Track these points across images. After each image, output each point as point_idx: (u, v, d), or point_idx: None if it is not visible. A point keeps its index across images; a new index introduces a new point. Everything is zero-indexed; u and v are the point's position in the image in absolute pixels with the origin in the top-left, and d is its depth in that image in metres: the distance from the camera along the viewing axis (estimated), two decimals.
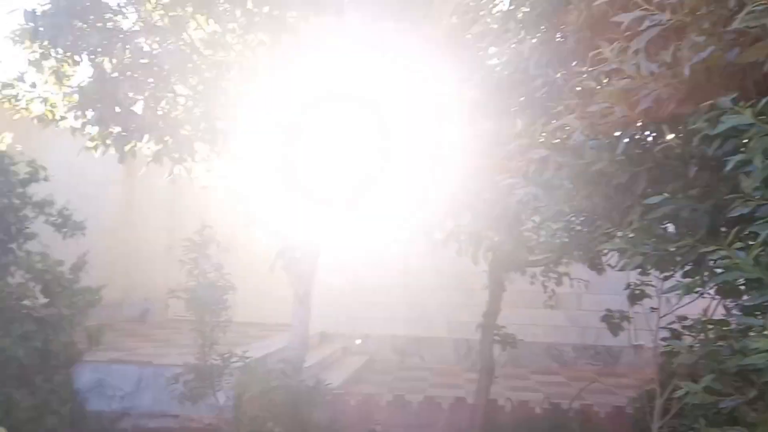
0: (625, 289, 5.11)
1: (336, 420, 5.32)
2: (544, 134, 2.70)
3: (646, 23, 2.05)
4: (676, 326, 5.15)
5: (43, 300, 6.93)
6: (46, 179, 7.44)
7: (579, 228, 2.94)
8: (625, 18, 2.10)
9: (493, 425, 6.28)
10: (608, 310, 5.27)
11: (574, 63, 3.24)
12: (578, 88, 2.63)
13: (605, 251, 3.14)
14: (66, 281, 7.10)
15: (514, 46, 3.55)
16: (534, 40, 3.46)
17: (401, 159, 5.12)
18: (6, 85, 7.46)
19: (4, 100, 7.62)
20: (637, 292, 4.98)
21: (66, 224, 7.32)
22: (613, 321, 5.08)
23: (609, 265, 5.23)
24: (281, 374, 5.04)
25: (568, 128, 2.52)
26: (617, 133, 2.35)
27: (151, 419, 6.85)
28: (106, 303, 9.20)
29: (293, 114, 4.84)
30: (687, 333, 4.94)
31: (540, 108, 4.01)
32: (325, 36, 5.34)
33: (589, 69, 2.46)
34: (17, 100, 7.62)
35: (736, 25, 1.74)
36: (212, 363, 5.49)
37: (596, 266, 5.32)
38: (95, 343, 7.16)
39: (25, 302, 6.73)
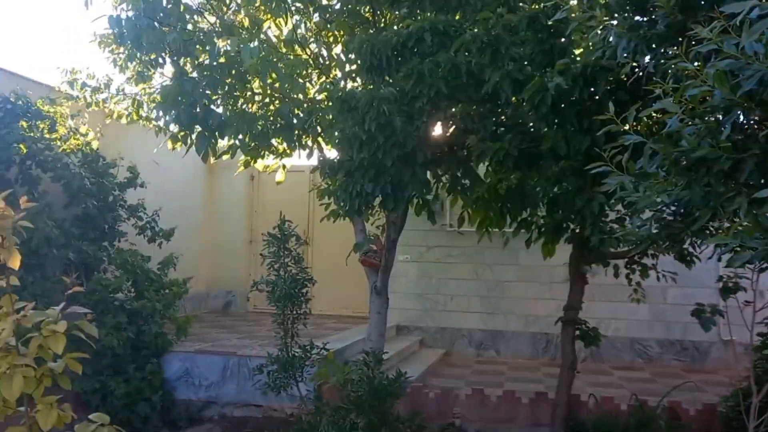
0: (717, 281, 4.87)
1: (416, 413, 5.31)
2: (636, 121, 2.59)
3: (756, 11, 1.93)
4: None
5: (134, 293, 7.29)
6: (142, 185, 7.86)
7: (671, 219, 2.82)
8: (739, 8, 1.98)
9: (575, 421, 6.14)
10: (699, 304, 5.04)
11: (664, 48, 3.11)
12: (672, 72, 2.51)
13: (699, 243, 3.00)
14: (154, 275, 7.43)
15: (599, 32, 3.43)
16: (620, 27, 3.33)
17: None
18: (96, 90, 7.86)
19: (94, 103, 8.03)
20: (731, 285, 4.73)
21: (156, 235, 7.75)
22: (705, 315, 4.85)
23: (697, 257, 5.04)
24: (363, 366, 5.07)
25: (663, 114, 2.41)
26: (718, 118, 2.22)
27: (236, 408, 7.07)
28: (192, 295, 9.60)
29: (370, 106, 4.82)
30: None
31: (629, 95, 3.88)
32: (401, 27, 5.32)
33: (685, 53, 2.33)
34: (105, 103, 8.02)
35: None
36: (294, 354, 5.60)
37: (685, 258, 5.12)
38: (183, 333, 7.45)
39: (118, 295, 7.08)
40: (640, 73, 3.33)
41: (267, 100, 6.97)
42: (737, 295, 4.92)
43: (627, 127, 2.74)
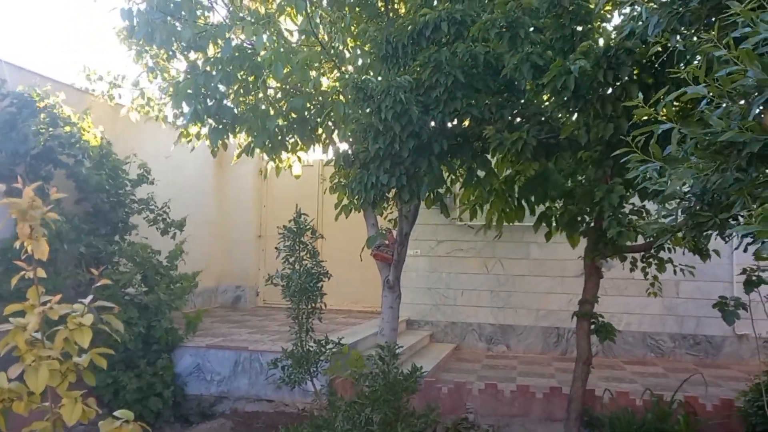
0: (740, 274, 4.81)
1: (431, 407, 5.26)
2: (667, 106, 2.52)
3: None
4: None
5: (144, 288, 7.26)
6: (152, 183, 7.85)
7: (698, 208, 2.75)
8: None
9: (590, 416, 6.10)
10: (722, 297, 4.97)
11: (697, 27, 3.03)
12: (703, 56, 2.43)
13: (726, 233, 2.92)
14: (164, 269, 7.40)
15: (628, 10, 3.35)
16: (651, 3, 3.25)
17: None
18: (114, 85, 7.86)
19: (109, 97, 8.03)
20: (754, 278, 4.67)
21: (170, 226, 7.72)
22: (728, 309, 4.79)
23: (715, 251, 4.97)
24: (378, 360, 5.03)
25: (690, 100, 2.34)
26: (750, 100, 2.15)
27: (248, 403, 7.05)
28: (201, 290, 9.60)
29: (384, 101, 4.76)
30: None
31: (653, 78, 3.80)
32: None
33: (718, 36, 2.27)
34: (121, 98, 8.03)
35: None
36: (309, 349, 5.56)
37: (702, 252, 5.05)
38: (193, 328, 7.43)
39: (129, 290, 7.05)
40: (670, 53, 3.24)
41: (279, 95, 6.92)
42: (758, 288, 4.85)
43: (651, 111, 2.66)
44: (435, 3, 5.36)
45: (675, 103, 2.63)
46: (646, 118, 2.70)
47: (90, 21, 13.68)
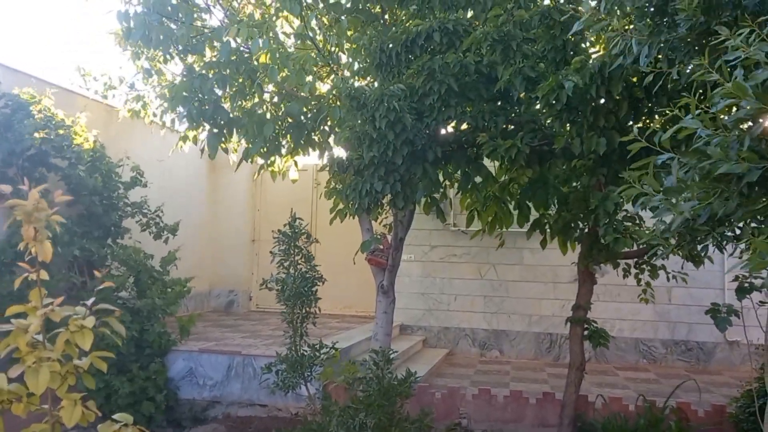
0: (733, 281, 4.85)
1: (425, 413, 5.27)
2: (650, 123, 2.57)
3: None
4: None
5: (137, 292, 7.24)
6: (145, 185, 7.83)
7: (694, 222, 2.78)
8: None
9: (583, 422, 6.12)
10: (714, 304, 5.02)
11: (686, 52, 3.08)
12: (698, 81, 2.48)
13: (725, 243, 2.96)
14: (157, 273, 7.38)
15: (619, 40, 3.40)
16: (639, 34, 3.30)
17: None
18: (110, 87, 7.85)
19: (104, 96, 8.02)
20: (746, 285, 4.71)
21: (162, 230, 7.71)
22: (720, 315, 4.83)
23: (709, 258, 5.01)
24: (373, 365, 5.03)
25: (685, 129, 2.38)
26: (743, 129, 2.20)
27: (240, 408, 7.03)
28: (194, 294, 9.57)
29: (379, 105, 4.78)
30: None
31: (645, 93, 3.85)
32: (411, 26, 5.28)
33: (709, 59, 2.31)
34: (114, 97, 8.02)
35: None
36: (303, 353, 5.55)
37: (695, 259, 5.09)
38: (186, 333, 7.40)
39: (122, 294, 7.03)
40: (663, 79, 3.29)
41: (276, 99, 6.93)
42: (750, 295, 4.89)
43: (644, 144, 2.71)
44: (428, 12, 5.38)
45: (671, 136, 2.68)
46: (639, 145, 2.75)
47: (89, 21, 13.66)
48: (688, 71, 3.07)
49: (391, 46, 5.10)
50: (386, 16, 6.20)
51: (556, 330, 9.17)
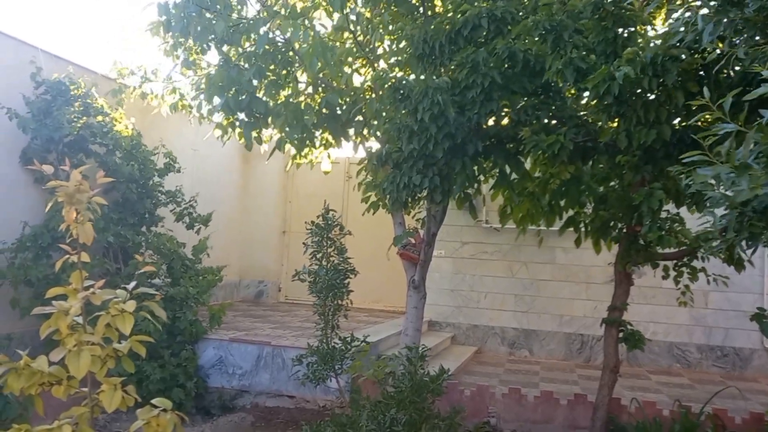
0: None
1: (456, 410, 5.21)
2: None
3: None
4: None
5: (169, 279, 7.30)
6: (179, 171, 7.88)
7: (750, 216, 2.67)
8: None
9: (615, 425, 6.01)
10: (760, 309, 4.87)
11: (752, 34, 2.96)
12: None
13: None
14: (189, 262, 7.43)
15: (677, 15, 3.29)
16: (706, 10, 3.18)
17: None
18: (146, 79, 7.91)
19: (141, 92, 8.09)
20: None
21: (195, 221, 7.75)
22: (766, 321, 4.68)
23: (750, 262, 4.87)
24: (406, 360, 4.98)
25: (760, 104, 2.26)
26: None
27: (269, 398, 7.05)
28: (224, 284, 9.63)
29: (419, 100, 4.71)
30: None
31: (699, 86, 3.72)
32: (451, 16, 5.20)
33: None
34: (152, 92, 8.09)
35: None
36: (334, 346, 5.53)
37: (737, 262, 4.95)
38: (216, 321, 7.44)
39: (155, 281, 7.08)
40: (726, 60, 3.16)
41: (310, 90, 6.91)
42: None
43: (717, 113, 2.56)
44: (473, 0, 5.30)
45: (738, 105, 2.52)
46: (699, 123, 2.63)
47: (131, 15, 13.81)
48: (754, 50, 2.93)
49: (434, 36, 5.03)
50: (425, 8, 6.11)
51: (587, 331, 9.03)
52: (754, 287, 8.27)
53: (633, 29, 4.31)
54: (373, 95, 6.40)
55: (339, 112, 6.51)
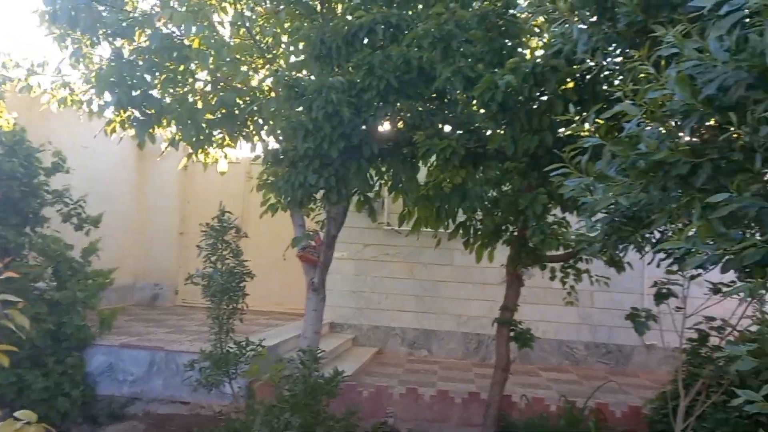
0: (651, 287, 5.03)
1: (351, 411, 5.24)
2: (596, 122, 2.60)
3: (726, 8, 1.96)
4: (702, 327, 5.12)
5: (55, 283, 6.92)
6: (67, 172, 7.47)
7: (619, 221, 2.86)
8: (706, 2, 2.01)
9: (506, 421, 6.23)
10: (634, 308, 5.19)
11: (623, 47, 3.15)
12: (632, 74, 2.53)
13: (646, 247, 3.06)
14: (77, 264, 7.08)
15: (557, 28, 3.46)
16: (582, 23, 3.36)
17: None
18: (32, 72, 7.46)
19: (27, 84, 7.63)
20: (664, 291, 4.89)
21: (84, 221, 7.38)
22: (640, 320, 4.99)
23: (629, 264, 5.19)
24: (300, 363, 4.96)
25: (621, 117, 2.42)
26: (677, 122, 2.25)
27: (162, 405, 6.82)
28: (117, 286, 9.21)
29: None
30: (715, 335, 4.91)
31: (578, 96, 3.93)
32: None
33: (647, 54, 2.36)
34: (39, 86, 7.64)
35: None
36: (228, 350, 5.42)
37: (617, 264, 5.26)
38: (107, 326, 7.13)
39: (39, 284, 6.70)
40: (598, 71, 3.36)
41: (209, 88, 6.75)
42: (668, 300, 5.08)
43: (580, 127, 2.75)
44: (370, 5, 5.35)
45: (599, 121, 2.71)
46: (571, 133, 2.79)
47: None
48: (622, 63, 3.12)
49: (331, 38, 5.04)
50: (324, 11, 6.12)
51: (484, 331, 9.29)
52: (636, 287, 8.78)
53: (518, 40, 4.50)
54: (273, 94, 6.33)
55: (237, 111, 6.40)
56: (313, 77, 5.04)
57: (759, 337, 4.14)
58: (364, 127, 4.99)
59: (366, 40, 4.89)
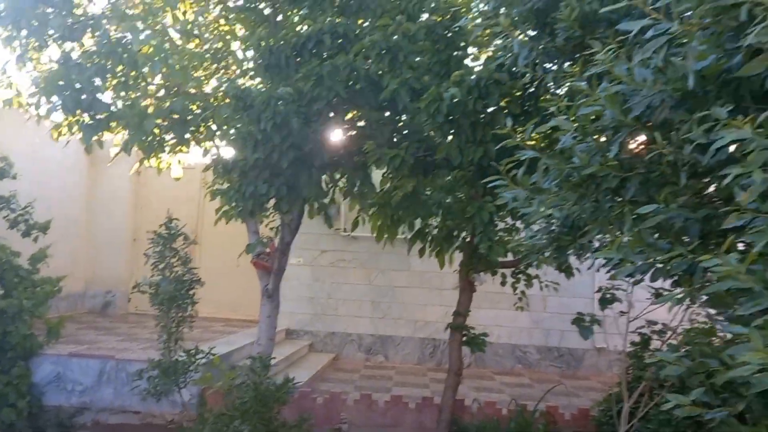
0: (596, 292, 5.15)
1: (304, 418, 5.23)
2: (533, 135, 2.68)
3: (651, 32, 2.04)
4: (645, 330, 5.27)
5: (0, 291, 6.74)
6: (14, 178, 7.29)
7: (558, 231, 2.94)
8: (632, 27, 2.09)
9: (459, 425, 6.29)
10: (579, 313, 5.31)
11: (561, 62, 3.24)
12: (567, 89, 2.62)
13: (584, 255, 3.14)
14: (24, 272, 6.91)
15: (499, 42, 3.54)
16: (523, 36, 3.44)
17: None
18: None
19: None
20: (608, 296, 5.02)
21: (32, 228, 7.20)
22: (584, 324, 5.12)
23: (577, 269, 5.31)
24: (249, 371, 4.93)
25: (556, 131, 2.50)
26: (608, 137, 2.34)
27: (112, 414, 6.69)
28: (67, 294, 9.03)
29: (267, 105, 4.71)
30: (657, 338, 5.05)
31: (521, 109, 4.02)
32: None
33: (581, 70, 2.44)
34: None
35: (750, 40, 1.72)
36: (177, 359, 5.36)
37: (565, 270, 5.37)
38: (55, 335, 6.97)
39: None
40: (537, 84, 3.45)
41: (161, 93, 6.67)
42: (612, 305, 5.21)
43: (519, 139, 2.83)
44: (319, 15, 5.37)
45: (539, 133, 2.80)
46: (515, 144, 2.86)
47: None
48: (560, 76, 3.22)
49: (280, 48, 5.04)
50: (278, 18, 6.11)
51: (440, 336, 9.37)
52: (586, 292, 8.97)
53: (465, 52, 4.58)
54: (227, 100, 6.29)
55: (189, 117, 6.34)
56: (262, 87, 5.03)
57: (691, 341, 4.26)
58: (314, 136, 4.99)
59: (314, 51, 4.90)
